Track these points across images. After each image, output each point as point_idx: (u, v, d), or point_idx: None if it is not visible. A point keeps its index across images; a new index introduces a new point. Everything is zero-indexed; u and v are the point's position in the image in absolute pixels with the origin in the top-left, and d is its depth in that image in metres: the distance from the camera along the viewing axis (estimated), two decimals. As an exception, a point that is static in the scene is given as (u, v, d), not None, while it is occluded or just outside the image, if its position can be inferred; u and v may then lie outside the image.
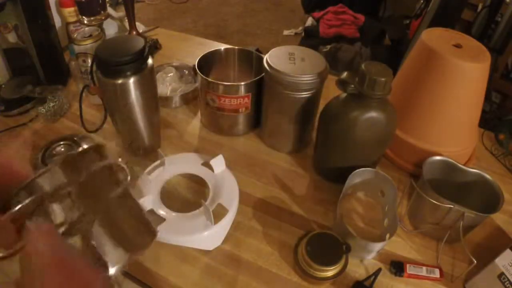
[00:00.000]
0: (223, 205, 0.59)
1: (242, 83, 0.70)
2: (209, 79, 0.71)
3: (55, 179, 0.27)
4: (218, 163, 0.64)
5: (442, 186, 0.58)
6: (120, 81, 0.61)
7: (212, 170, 0.64)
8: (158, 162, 0.66)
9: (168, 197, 0.64)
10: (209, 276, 0.55)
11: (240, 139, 0.79)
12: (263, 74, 0.69)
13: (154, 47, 1.08)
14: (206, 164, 0.65)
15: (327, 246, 0.52)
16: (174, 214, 0.59)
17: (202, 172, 0.65)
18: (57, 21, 1.00)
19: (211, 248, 0.58)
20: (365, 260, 0.58)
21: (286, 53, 0.68)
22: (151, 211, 0.58)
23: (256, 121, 0.80)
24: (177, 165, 0.67)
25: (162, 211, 0.59)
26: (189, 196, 0.66)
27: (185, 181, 0.68)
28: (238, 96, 0.72)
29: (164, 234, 0.56)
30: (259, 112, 0.77)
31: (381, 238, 0.60)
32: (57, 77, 0.90)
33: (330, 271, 0.51)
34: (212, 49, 0.80)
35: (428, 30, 0.66)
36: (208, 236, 0.56)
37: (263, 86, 0.71)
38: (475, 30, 1.59)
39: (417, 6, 2.26)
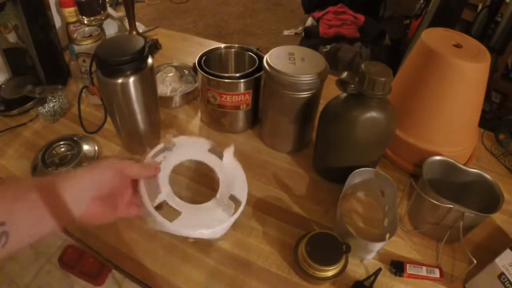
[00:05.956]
0: (235, 196, 0.56)
1: (243, 80, 0.71)
2: (210, 77, 0.71)
3: None
4: (229, 153, 0.60)
5: (442, 186, 0.58)
6: (120, 81, 0.61)
7: (220, 158, 0.60)
8: (161, 146, 0.58)
9: (176, 185, 0.59)
10: (209, 276, 0.55)
11: (240, 139, 0.79)
12: (262, 71, 0.69)
13: (154, 47, 1.08)
14: (212, 151, 0.61)
15: (327, 246, 0.52)
16: (187, 205, 0.53)
17: (209, 159, 0.60)
18: (57, 21, 1.00)
19: (219, 236, 0.54)
20: (365, 260, 0.58)
21: (286, 53, 0.68)
22: (166, 204, 0.53)
23: (255, 118, 0.80)
24: (182, 151, 0.60)
25: (173, 202, 0.53)
26: (198, 184, 0.64)
27: (192, 168, 0.66)
28: (239, 93, 0.72)
29: (179, 227, 0.51)
30: (258, 108, 0.78)
31: (381, 238, 0.60)
32: (57, 77, 0.90)
33: (330, 271, 0.51)
34: (212, 47, 0.80)
35: (428, 30, 0.66)
36: (225, 227, 0.52)
37: (264, 85, 0.71)
38: (475, 30, 1.59)
39: (417, 6, 2.26)
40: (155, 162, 0.53)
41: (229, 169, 0.59)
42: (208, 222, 0.52)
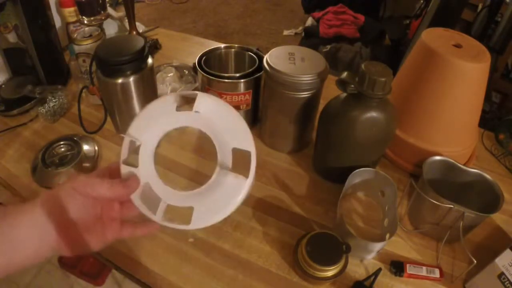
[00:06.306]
0: (239, 148, 0.44)
1: (243, 80, 0.71)
2: (210, 77, 0.71)
3: None
4: (203, 101, 0.45)
5: (442, 186, 0.58)
6: (120, 81, 0.61)
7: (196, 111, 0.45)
8: (127, 143, 0.46)
9: (170, 175, 0.52)
10: (209, 276, 0.55)
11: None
12: (262, 71, 0.69)
13: (154, 47, 1.08)
14: (183, 105, 0.47)
15: (327, 246, 0.52)
16: (194, 195, 0.43)
17: (184, 119, 0.46)
18: (57, 21, 1.00)
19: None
20: (365, 260, 0.58)
21: (286, 53, 0.68)
22: (172, 206, 0.44)
23: (255, 118, 0.80)
24: (150, 134, 0.47)
25: (178, 202, 0.44)
26: (192, 159, 0.59)
27: (177, 142, 0.59)
28: (239, 93, 0.72)
29: (200, 224, 0.42)
30: (258, 108, 0.78)
31: (381, 238, 0.60)
32: (57, 77, 0.90)
33: (330, 271, 0.51)
34: (212, 47, 0.80)
35: (428, 30, 0.66)
36: (246, 191, 0.43)
37: (264, 85, 0.71)
38: (475, 30, 1.59)
39: (417, 6, 2.26)
40: (129, 178, 0.42)
41: (213, 119, 0.45)
42: (226, 199, 0.42)
